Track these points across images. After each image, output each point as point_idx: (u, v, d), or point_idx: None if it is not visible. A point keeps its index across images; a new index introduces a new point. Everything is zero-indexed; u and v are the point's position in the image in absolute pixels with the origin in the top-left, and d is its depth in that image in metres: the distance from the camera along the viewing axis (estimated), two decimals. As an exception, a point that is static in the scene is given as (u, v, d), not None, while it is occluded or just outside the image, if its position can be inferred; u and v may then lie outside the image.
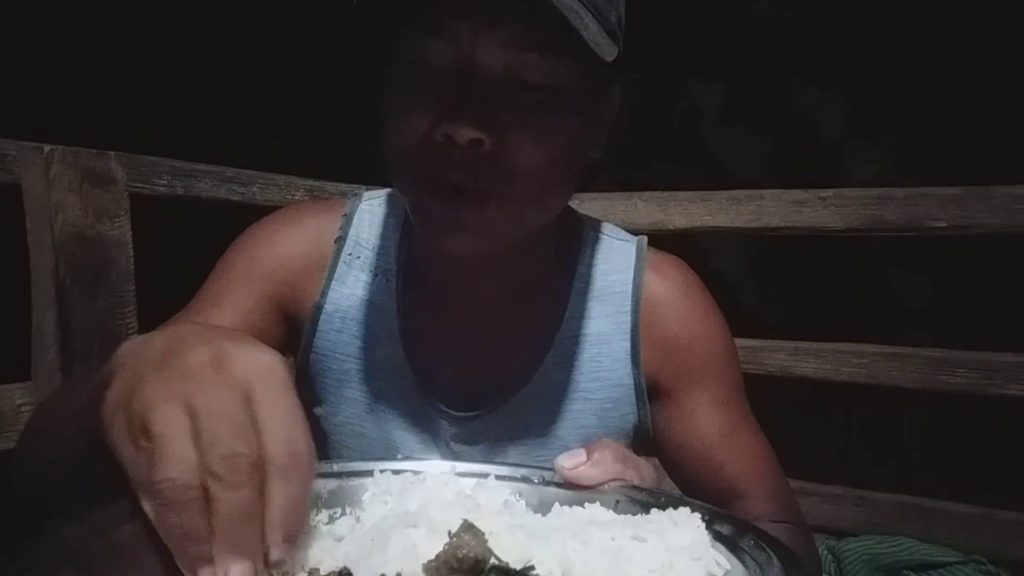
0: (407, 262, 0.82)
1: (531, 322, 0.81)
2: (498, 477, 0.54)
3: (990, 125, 3.65)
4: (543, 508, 0.52)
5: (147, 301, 1.20)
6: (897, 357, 1.53)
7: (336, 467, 0.54)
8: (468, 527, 0.40)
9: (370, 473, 0.54)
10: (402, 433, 0.81)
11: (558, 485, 0.54)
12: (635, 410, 0.82)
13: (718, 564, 0.43)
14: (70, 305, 1.12)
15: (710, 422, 0.81)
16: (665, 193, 1.72)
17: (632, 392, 0.81)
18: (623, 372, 0.81)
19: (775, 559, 0.42)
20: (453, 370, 0.81)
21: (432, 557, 0.39)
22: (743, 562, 0.43)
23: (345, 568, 0.38)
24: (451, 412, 0.79)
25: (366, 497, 0.52)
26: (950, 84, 3.82)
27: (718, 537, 0.46)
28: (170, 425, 0.38)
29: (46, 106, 2.97)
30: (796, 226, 1.60)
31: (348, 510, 0.51)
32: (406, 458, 0.58)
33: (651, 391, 0.82)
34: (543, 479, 0.55)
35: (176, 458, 0.38)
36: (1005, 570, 1.39)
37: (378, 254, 0.83)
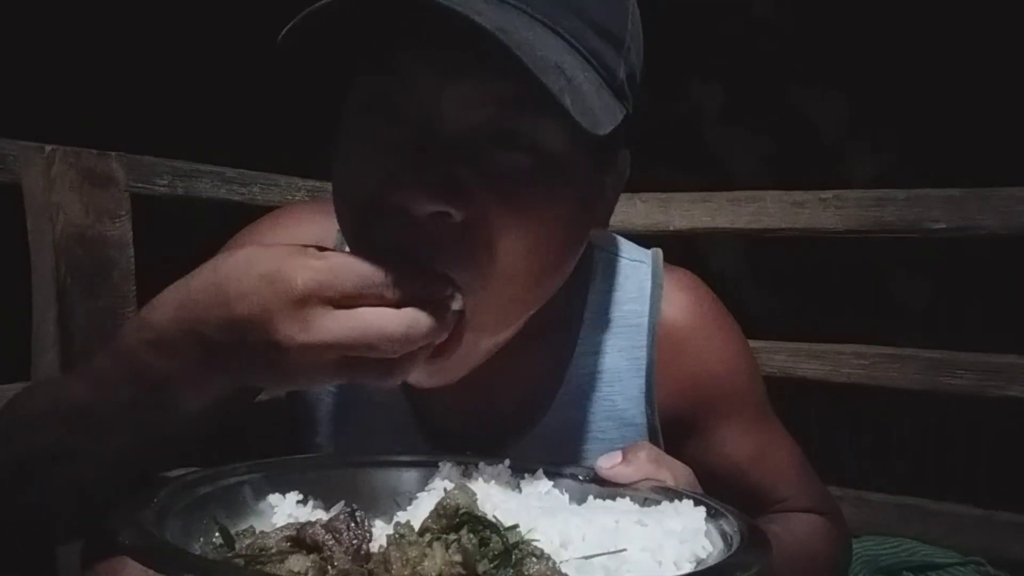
0: None
1: (540, 359, 0.76)
2: (547, 472, 0.61)
3: (990, 127, 3.65)
4: (582, 501, 0.58)
5: (147, 301, 1.20)
6: (897, 358, 1.53)
7: (406, 458, 0.64)
8: (461, 486, 0.49)
9: (436, 464, 0.62)
10: None
11: (599, 482, 0.59)
12: None
13: (704, 548, 0.48)
14: (70, 305, 1.12)
15: (739, 449, 0.79)
16: (665, 194, 1.72)
17: (645, 432, 0.77)
18: (636, 411, 0.77)
19: (741, 544, 0.47)
20: (455, 411, 0.75)
21: None
22: (726, 544, 0.49)
23: (354, 505, 0.48)
24: (454, 454, 0.76)
25: (429, 485, 0.59)
26: (950, 85, 3.82)
27: (720, 531, 0.50)
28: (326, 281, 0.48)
29: (46, 106, 2.97)
30: (796, 227, 1.60)
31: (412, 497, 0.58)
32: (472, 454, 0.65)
33: (672, 427, 0.78)
34: (588, 477, 0.61)
35: (349, 270, 0.49)
36: (1005, 571, 1.38)
37: None
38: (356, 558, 0.45)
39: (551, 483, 0.59)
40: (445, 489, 0.52)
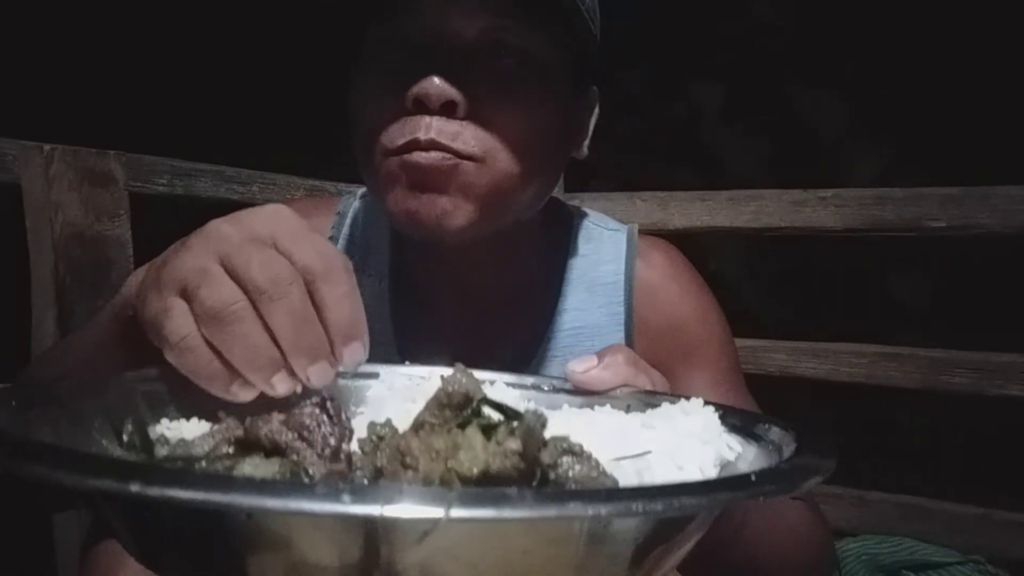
0: (398, 263, 0.81)
1: (523, 318, 0.80)
2: (507, 383, 0.53)
3: (990, 125, 3.65)
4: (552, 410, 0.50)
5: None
6: (896, 357, 1.53)
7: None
8: (462, 369, 0.38)
9: (376, 375, 0.54)
10: None
11: (569, 392, 0.53)
12: None
13: (730, 447, 0.42)
14: (70, 305, 1.12)
15: None
16: (664, 193, 1.72)
17: None
18: None
19: (791, 433, 0.40)
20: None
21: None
22: (758, 444, 0.42)
23: (328, 393, 0.39)
24: None
25: (370, 394, 0.52)
26: (949, 85, 3.82)
27: (732, 428, 0.45)
28: (206, 270, 0.41)
29: (46, 106, 2.97)
30: (795, 226, 1.60)
31: (354, 408, 0.50)
32: (413, 364, 0.57)
33: None
34: (553, 387, 0.54)
35: (220, 283, 0.40)
36: (1004, 570, 1.39)
37: (371, 254, 0.82)
38: (334, 462, 0.35)
39: (516, 393, 0.51)
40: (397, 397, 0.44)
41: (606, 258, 0.82)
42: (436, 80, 0.60)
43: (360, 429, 0.38)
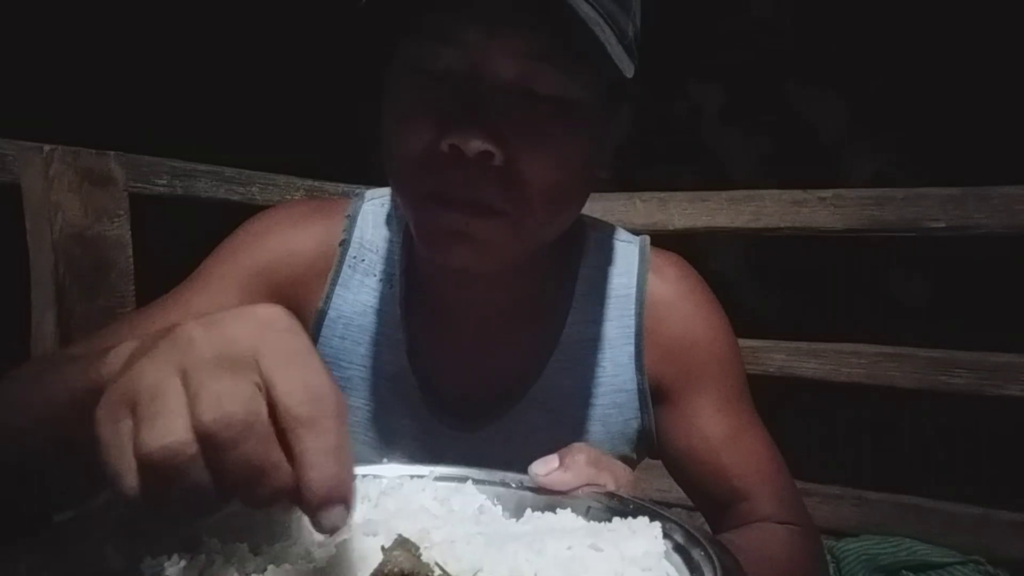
0: (409, 266, 0.81)
1: (534, 327, 0.80)
2: (476, 481, 0.55)
3: (989, 125, 3.65)
4: (519, 513, 0.52)
5: (147, 301, 1.20)
6: (897, 357, 1.53)
7: None
8: (401, 542, 0.39)
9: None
10: (406, 442, 0.80)
11: (534, 490, 0.54)
12: (639, 415, 0.81)
13: (668, 575, 0.44)
14: (70, 305, 1.12)
15: (714, 425, 0.80)
16: (664, 193, 1.72)
17: (636, 397, 0.80)
18: (627, 377, 0.80)
19: (719, 571, 0.42)
20: (457, 378, 0.80)
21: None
22: (692, 574, 0.44)
23: None
24: (455, 420, 0.78)
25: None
26: (949, 85, 3.82)
27: (677, 548, 0.46)
28: (157, 393, 0.34)
29: (46, 106, 2.97)
30: (795, 226, 1.60)
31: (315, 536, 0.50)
32: (389, 462, 0.58)
33: (655, 394, 0.81)
34: (521, 483, 0.55)
35: (166, 419, 0.33)
36: (1004, 570, 1.39)
37: (382, 258, 0.82)
38: None
39: (483, 497, 0.53)
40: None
41: (618, 270, 0.82)
42: (474, 129, 0.59)
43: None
